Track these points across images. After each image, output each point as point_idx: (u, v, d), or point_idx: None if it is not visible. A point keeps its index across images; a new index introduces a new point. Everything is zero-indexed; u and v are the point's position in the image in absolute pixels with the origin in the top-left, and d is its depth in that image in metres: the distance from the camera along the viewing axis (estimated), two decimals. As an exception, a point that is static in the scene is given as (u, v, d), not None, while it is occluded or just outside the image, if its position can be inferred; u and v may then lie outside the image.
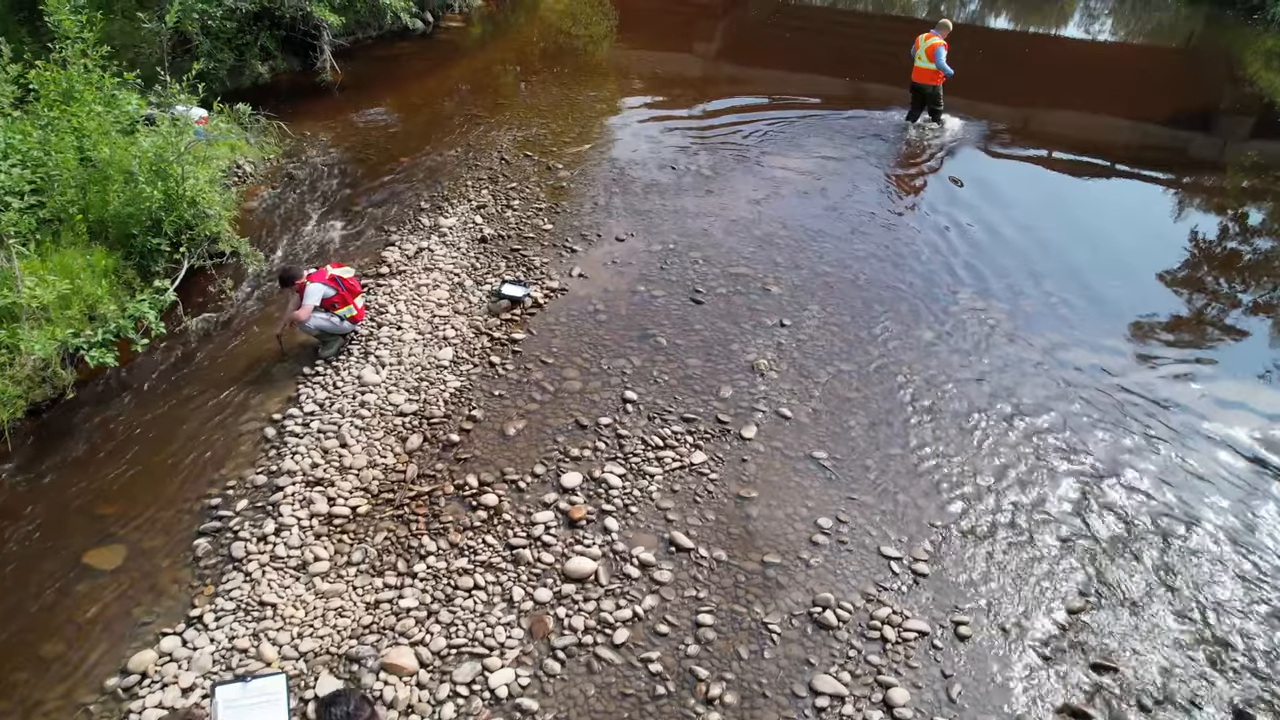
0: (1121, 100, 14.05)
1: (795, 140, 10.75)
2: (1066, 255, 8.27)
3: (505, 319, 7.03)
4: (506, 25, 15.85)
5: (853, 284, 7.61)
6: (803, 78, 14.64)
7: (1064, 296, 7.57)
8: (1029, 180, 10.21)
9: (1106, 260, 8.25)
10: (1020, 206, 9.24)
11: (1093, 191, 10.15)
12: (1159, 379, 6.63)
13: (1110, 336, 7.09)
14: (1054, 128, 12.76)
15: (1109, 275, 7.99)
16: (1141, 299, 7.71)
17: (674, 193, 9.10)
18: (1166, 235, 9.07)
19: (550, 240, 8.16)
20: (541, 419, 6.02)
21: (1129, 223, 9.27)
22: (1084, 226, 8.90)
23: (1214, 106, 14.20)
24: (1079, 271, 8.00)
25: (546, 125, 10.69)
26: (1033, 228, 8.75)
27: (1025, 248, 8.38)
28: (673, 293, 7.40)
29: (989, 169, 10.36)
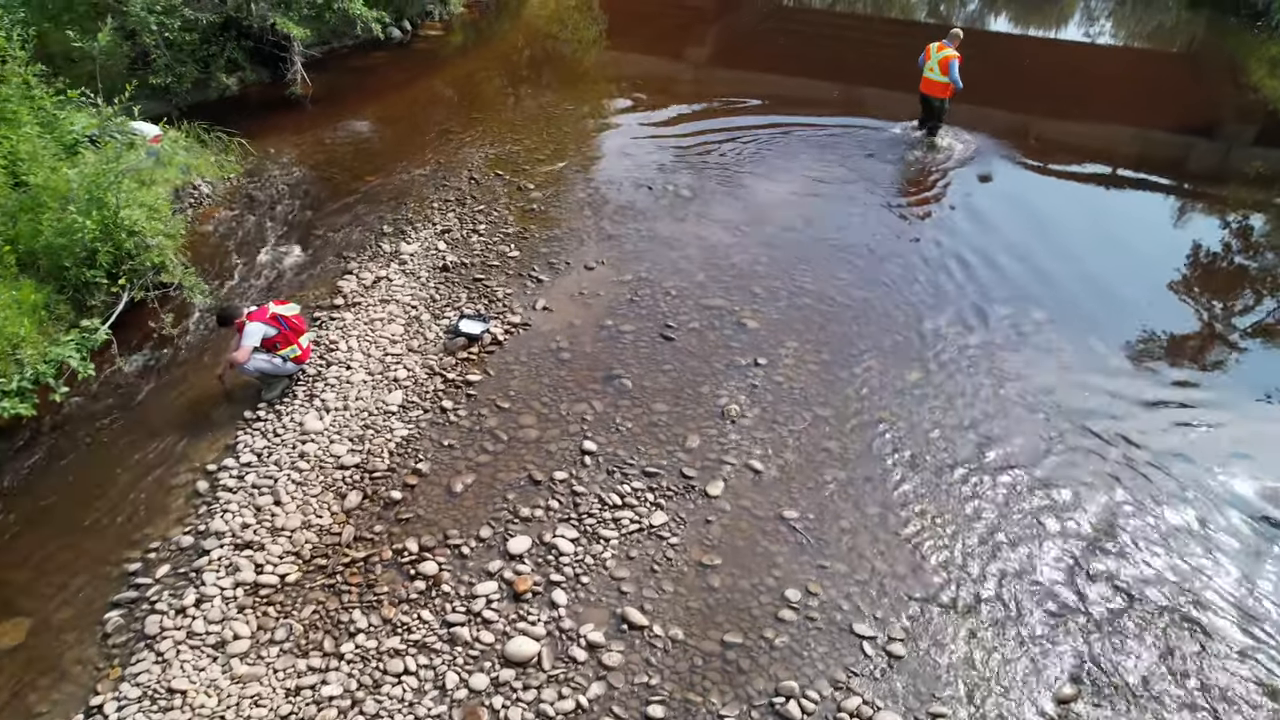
0: (1123, 107, 13.60)
1: (784, 157, 10.29)
2: (1063, 286, 7.78)
3: (462, 358, 6.60)
4: (489, 32, 15.41)
5: (835, 317, 7.16)
6: (798, 83, 14.24)
7: (1060, 333, 7.10)
8: (1027, 198, 9.70)
9: (1106, 290, 7.77)
10: (1017, 228, 8.78)
11: (1094, 208, 9.65)
12: (1160, 425, 6.17)
13: (1108, 377, 6.63)
14: (1055, 135, 12.34)
15: (1109, 307, 7.52)
16: (1143, 333, 7.25)
17: (650, 216, 8.65)
18: (1168, 257, 8.58)
19: (516, 269, 7.73)
20: (492, 473, 5.59)
21: (1130, 243, 8.79)
22: (1083, 251, 8.42)
23: (1217, 113, 13.75)
24: (1076, 303, 7.53)
25: (520, 141, 10.25)
26: (1029, 254, 8.26)
27: (1021, 277, 7.90)
28: (642, 328, 6.96)
29: (985, 189, 9.88)
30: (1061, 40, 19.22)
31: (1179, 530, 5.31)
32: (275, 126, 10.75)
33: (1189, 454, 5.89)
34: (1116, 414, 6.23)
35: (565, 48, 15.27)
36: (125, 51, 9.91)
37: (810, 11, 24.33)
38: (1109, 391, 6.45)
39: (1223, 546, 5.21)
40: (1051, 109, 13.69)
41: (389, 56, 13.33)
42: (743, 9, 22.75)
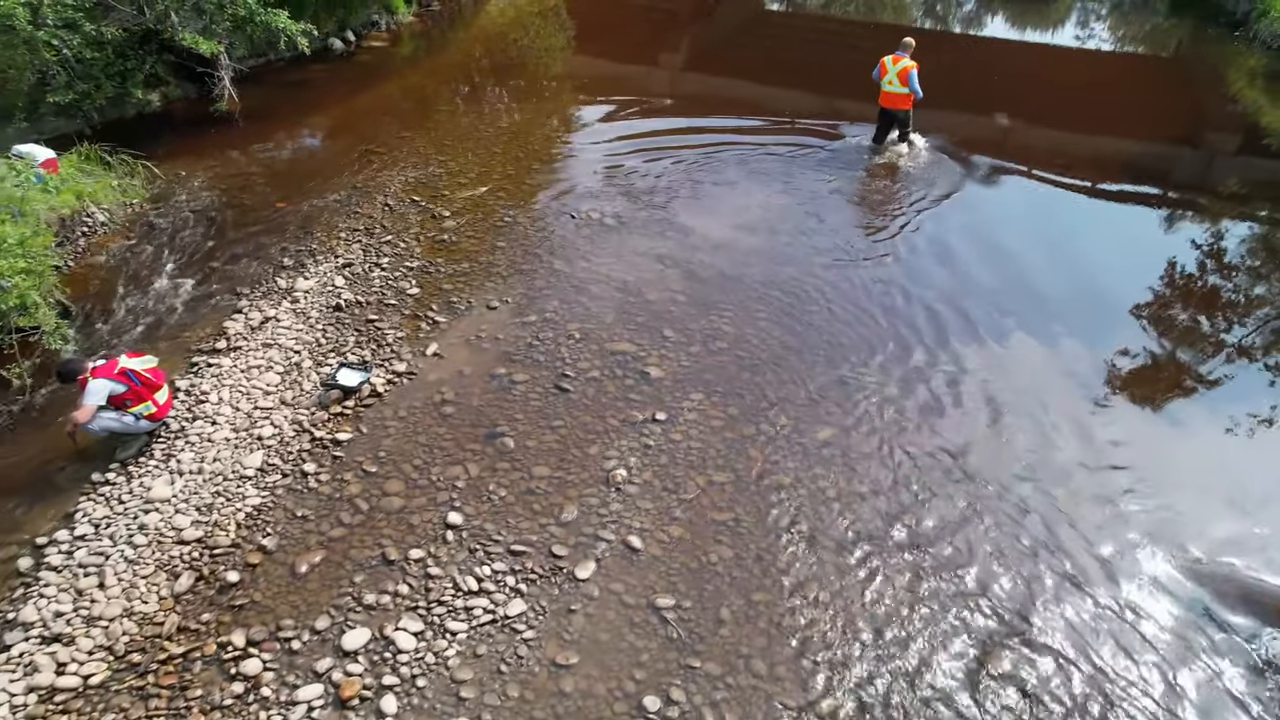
0: (1103, 114, 13.11)
1: (728, 179, 9.74)
2: (1008, 332, 7.21)
3: (335, 413, 6.08)
4: (439, 43, 14.88)
5: (749, 365, 6.63)
6: (769, 93, 13.81)
7: (994, 384, 6.56)
8: (984, 225, 9.12)
9: (1053, 338, 7.21)
10: (968, 262, 8.22)
11: (1059, 233, 9.09)
12: (1092, 494, 5.62)
13: (1039, 436, 6.08)
14: (1034, 142, 11.99)
15: (1052, 356, 6.98)
16: (1087, 383, 6.70)
17: (565, 249, 8.11)
18: (1125, 299, 7.99)
19: (413, 308, 7.20)
20: (345, 550, 5.07)
21: (1095, 271, 8.17)
22: (1039, 287, 7.85)
23: (1199, 123, 13.28)
24: (1019, 352, 6.98)
25: (445, 163, 9.72)
26: (976, 293, 7.71)
27: (960, 319, 7.34)
28: (537, 377, 6.43)
29: (940, 216, 9.31)
30: (1040, 44, 18.68)
31: (1098, 620, 4.78)
32: (194, 146, 10.24)
33: (1117, 529, 5.35)
34: (1042, 480, 5.68)
35: (523, 58, 14.74)
36: (21, 65, 9.37)
37: (795, 16, 23.84)
38: (1036, 454, 5.91)
39: (1146, 641, 4.68)
40: (1029, 115, 13.24)
41: (328, 70, 12.82)
42: (720, 15, 22.27)
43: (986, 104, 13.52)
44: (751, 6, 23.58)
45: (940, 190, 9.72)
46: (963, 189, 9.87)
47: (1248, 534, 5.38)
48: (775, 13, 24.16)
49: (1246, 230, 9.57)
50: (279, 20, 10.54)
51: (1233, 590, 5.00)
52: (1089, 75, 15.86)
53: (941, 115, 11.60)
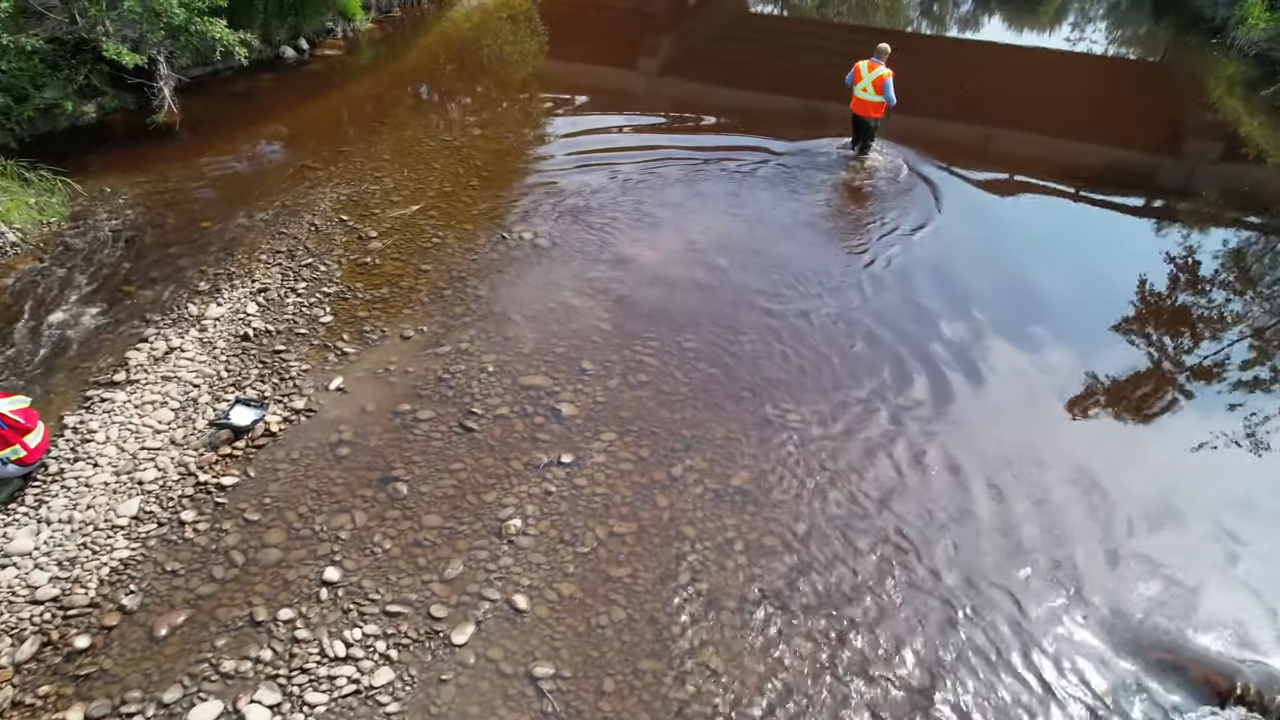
0: (1083, 121, 12.89)
1: (682, 195, 9.38)
2: (954, 369, 6.90)
3: (224, 454, 5.75)
4: (400, 50, 14.53)
5: (669, 400, 6.30)
6: (746, 98, 13.65)
7: (929, 428, 6.21)
8: (947, 246, 8.82)
9: (1002, 377, 6.87)
10: (924, 285, 7.91)
11: (1029, 249, 8.84)
12: (1015, 556, 5.29)
13: (966, 490, 5.75)
14: (1014, 149, 11.85)
15: (1000, 401, 6.65)
16: (1027, 427, 6.38)
17: (491, 273, 7.77)
18: (1091, 325, 7.67)
19: (324, 338, 6.87)
20: (212, 609, 4.74)
21: (1052, 306, 7.84)
22: (997, 319, 7.51)
23: (1180, 130, 13.07)
24: (963, 393, 6.65)
25: (380, 180, 9.38)
26: (927, 318, 7.42)
27: (910, 352, 7.02)
28: (443, 414, 6.10)
29: (903, 234, 9.00)
30: (1020, 47, 18.34)
31: (1016, 698, 4.45)
32: (128, 161, 9.90)
33: (1040, 592, 5.03)
34: (964, 539, 5.35)
35: (486, 65, 14.40)
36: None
37: (780, 19, 23.53)
38: (961, 510, 5.58)
39: (1065, 715, 4.35)
40: (1004, 120, 13.06)
41: (277, 80, 12.47)
42: (701, 18, 21.95)
43: (962, 109, 13.23)
44: (734, 9, 23.29)
45: (899, 216, 9.36)
46: (922, 214, 9.52)
47: (1178, 596, 5.06)
48: (759, 15, 23.87)
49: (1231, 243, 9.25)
50: (215, 30, 10.20)
51: (1162, 659, 4.68)
52: (1065, 81, 15.53)
53: (918, 121, 11.39)
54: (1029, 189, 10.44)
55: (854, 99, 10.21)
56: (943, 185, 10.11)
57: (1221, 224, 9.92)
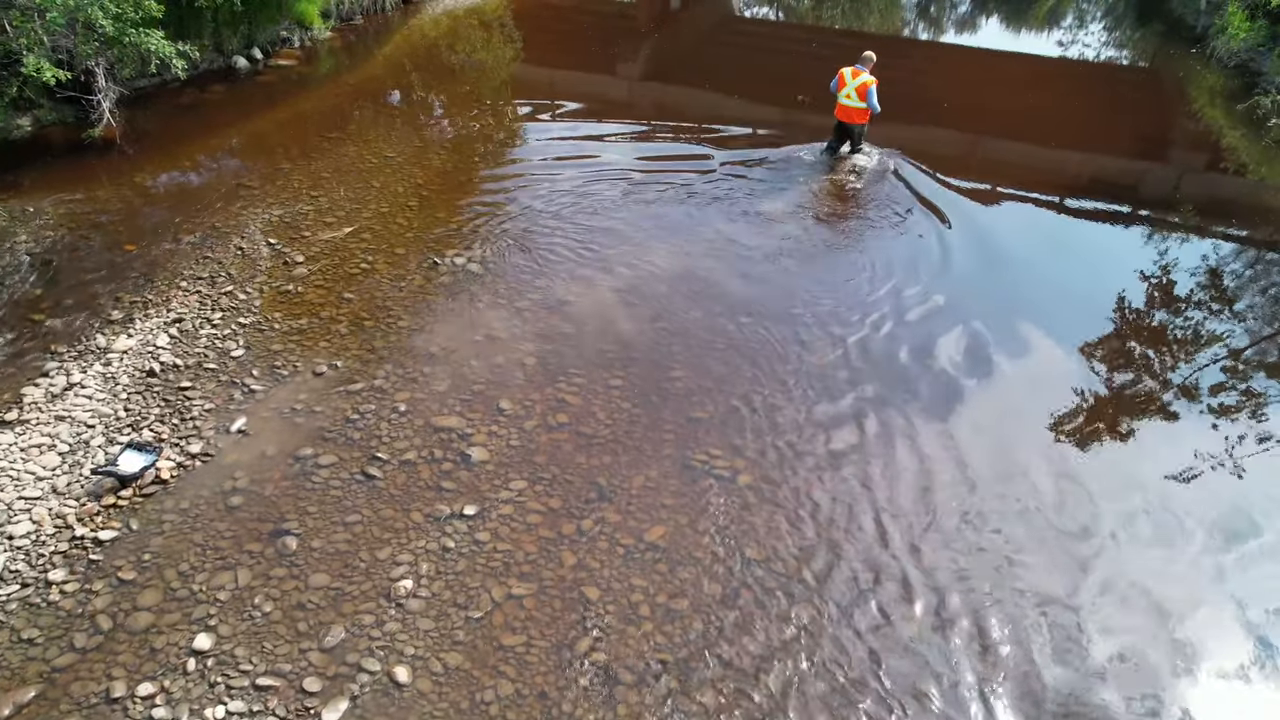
0: (1069, 129, 12.67)
1: (635, 219, 9.02)
2: (905, 414, 6.56)
3: (107, 505, 5.41)
4: (360, 60, 14.19)
5: (586, 444, 5.96)
6: (733, 106, 13.50)
7: (862, 475, 5.88)
8: (942, 250, 8.64)
9: (953, 426, 6.56)
10: (897, 325, 7.58)
11: (1022, 263, 8.62)
12: (945, 627, 4.97)
13: (894, 550, 5.42)
14: (999, 157, 11.72)
15: (946, 449, 6.32)
16: (975, 479, 6.05)
17: (417, 302, 7.41)
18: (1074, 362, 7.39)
19: (232, 374, 6.52)
20: (67, 684, 4.39)
21: (1019, 353, 7.53)
22: (968, 359, 7.22)
23: (1166, 139, 12.89)
24: (907, 442, 6.31)
25: (316, 200, 9.04)
26: (881, 366, 7.10)
27: (859, 391, 6.71)
28: (346, 459, 5.76)
29: (880, 246, 8.72)
30: (1008, 52, 18.03)
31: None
32: (59, 178, 9.56)
33: (972, 665, 4.69)
34: (891, 605, 5.02)
35: (453, 74, 14.05)
36: None
37: (764, 23, 23.27)
38: (889, 571, 5.24)
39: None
40: (1002, 129, 12.86)
41: (227, 92, 12.13)
42: (684, 21, 21.68)
43: (943, 115, 12.94)
44: (718, 12, 22.99)
45: (881, 237, 9.07)
46: (903, 228, 9.24)
47: (1117, 667, 4.73)
48: (745, 19, 23.57)
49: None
50: (150, 42, 9.85)
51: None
52: (1043, 86, 15.21)
53: (901, 129, 11.20)
54: (1015, 198, 10.32)
55: (838, 105, 10.31)
56: (939, 203, 9.89)
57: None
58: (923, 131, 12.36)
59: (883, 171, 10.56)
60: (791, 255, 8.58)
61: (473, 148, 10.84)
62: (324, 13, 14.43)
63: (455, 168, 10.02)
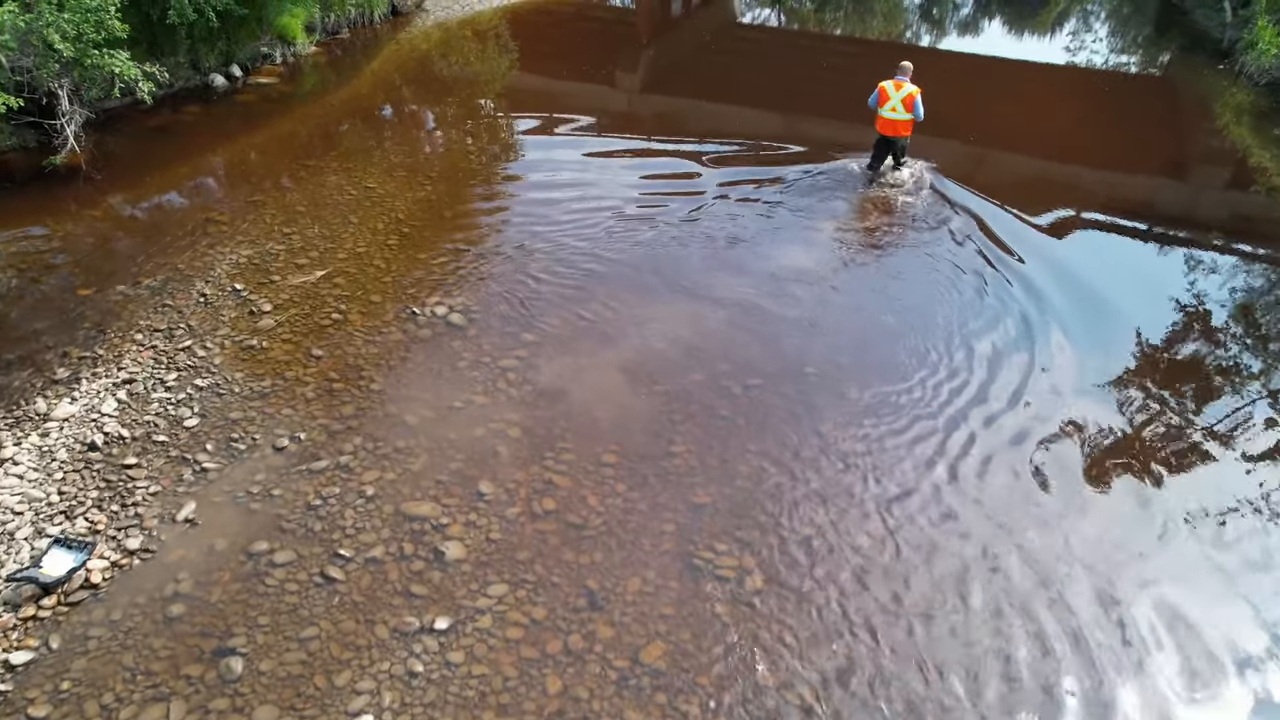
0: (1085, 142, 12.06)
1: (647, 263, 8.29)
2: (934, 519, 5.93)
3: (26, 616, 4.75)
4: (346, 76, 13.51)
5: (575, 536, 5.28)
6: (743, 118, 13.04)
7: (905, 587, 5.23)
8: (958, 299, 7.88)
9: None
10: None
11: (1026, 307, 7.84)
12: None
13: (929, 678, 4.76)
14: (1007, 174, 11.10)
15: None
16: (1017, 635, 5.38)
17: (391, 360, 6.73)
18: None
19: (184, 448, 5.85)
20: None
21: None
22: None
23: (1185, 156, 12.28)
24: (940, 555, 5.67)
25: (289, 237, 8.37)
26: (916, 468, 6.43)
27: (893, 482, 6.06)
28: (305, 557, 5.09)
29: (954, 295, 8.04)
30: (1016, 60, 17.35)
31: None
32: (16, 210, 8.91)
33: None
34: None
35: (444, 90, 13.39)
36: None
37: (768, 30, 22.66)
38: (921, 696, 4.58)
39: None
40: (1008, 142, 12.29)
41: (201, 113, 11.48)
42: (686, 28, 21.06)
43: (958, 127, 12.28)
44: (720, 19, 22.36)
45: (937, 283, 8.41)
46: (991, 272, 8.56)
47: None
48: (746, 25, 22.92)
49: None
50: (114, 63, 9.20)
51: None
52: (1057, 100, 14.55)
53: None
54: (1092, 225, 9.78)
55: (881, 120, 9.95)
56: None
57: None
58: (957, 147, 11.71)
59: (922, 188, 10.24)
60: (822, 321, 7.82)
61: (461, 175, 10.18)
62: (308, 27, 13.78)
63: (440, 199, 9.34)
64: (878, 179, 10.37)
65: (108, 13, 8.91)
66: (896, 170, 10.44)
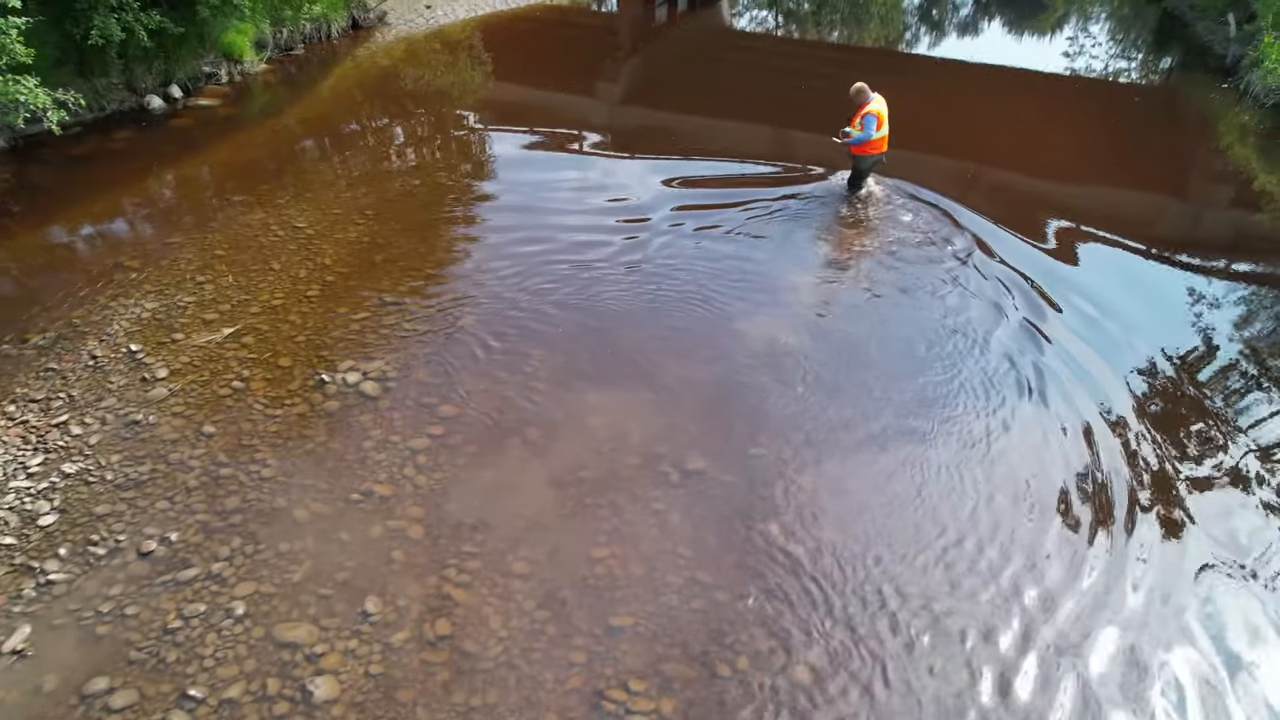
0: (1081, 157, 11.38)
1: (602, 307, 7.60)
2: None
3: None
4: (296, 96, 12.78)
5: (469, 668, 4.50)
6: (730, 130, 12.48)
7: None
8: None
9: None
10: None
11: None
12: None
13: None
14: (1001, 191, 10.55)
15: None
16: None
17: (290, 440, 5.94)
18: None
19: (31, 553, 5.05)
20: None
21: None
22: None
23: (1186, 173, 11.60)
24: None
25: (201, 286, 7.63)
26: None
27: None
28: (150, 698, 4.31)
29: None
30: (1015, 69, 16.60)
31: None
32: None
33: None
34: None
35: (404, 109, 12.67)
36: None
37: (761, 37, 21.98)
38: None
39: None
40: (1001, 159, 11.62)
41: (133, 139, 10.76)
42: (669, 38, 20.37)
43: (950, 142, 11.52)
44: (709, 26, 21.66)
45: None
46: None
47: None
48: (739, 32, 22.21)
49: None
50: (19, 90, 8.47)
51: None
52: (1082, 110, 13.79)
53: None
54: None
55: (882, 140, 9.57)
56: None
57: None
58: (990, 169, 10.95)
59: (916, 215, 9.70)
60: (798, 393, 7.14)
61: (399, 211, 9.38)
62: (258, 43, 13.06)
63: (373, 240, 8.57)
64: (859, 201, 9.96)
65: (9, 36, 8.19)
66: (867, 188, 10.10)
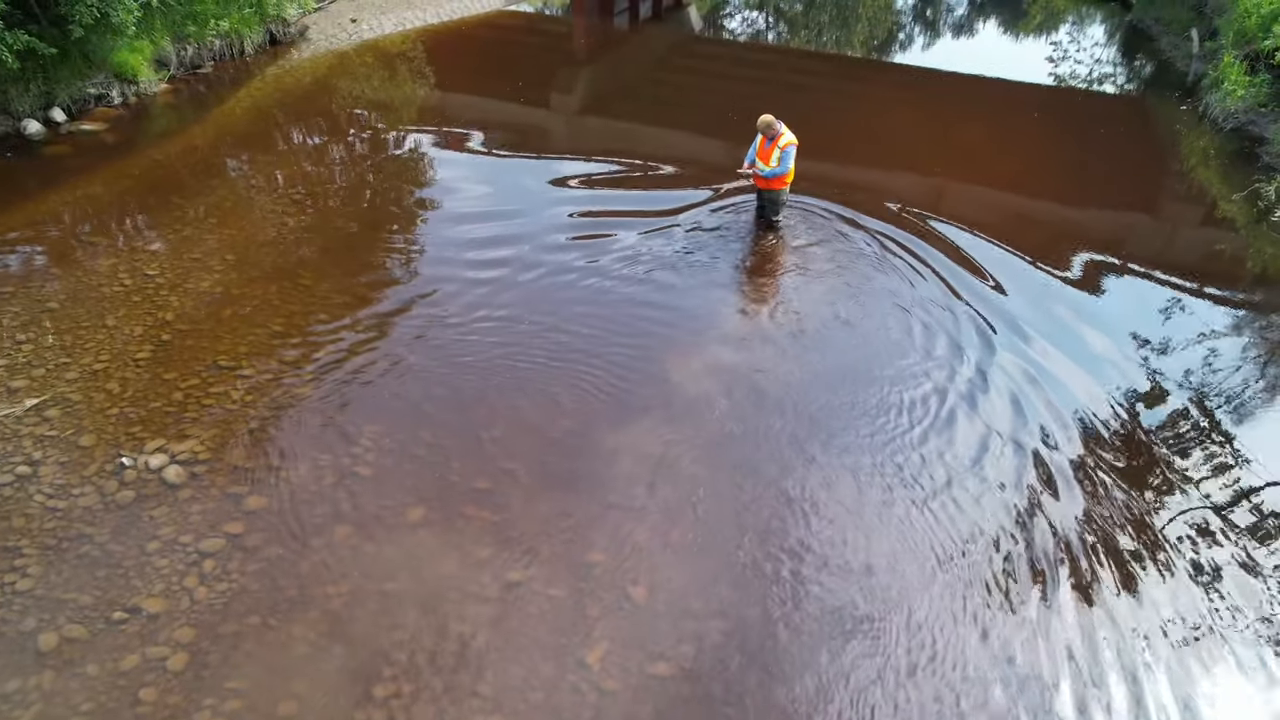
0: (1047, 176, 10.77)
1: (470, 372, 6.90)
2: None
3: None
4: (197, 119, 11.95)
5: None
6: (692, 144, 11.70)
7: None
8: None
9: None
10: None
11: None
12: None
13: None
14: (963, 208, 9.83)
15: None
16: None
17: (67, 542, 5.09)
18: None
19: None
20: None
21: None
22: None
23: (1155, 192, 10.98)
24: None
25: (18, 348, 6.79)
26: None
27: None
28: None
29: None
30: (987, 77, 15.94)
31: None
32: None
33: None
34: None
35: (323, 130, 11.90)
36: None
37: (729, 45, 21.33)
38: None
39: None
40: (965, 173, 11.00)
41: (4, 165, 9.97)
42: (633, 44, 19.69)
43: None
44: (675, 34, 20.98)
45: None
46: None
47: None
48: (705, 39, 21.53)
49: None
50: None
51: None
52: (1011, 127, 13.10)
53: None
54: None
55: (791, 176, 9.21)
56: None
57: None
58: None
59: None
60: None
61: (269, 254, 8.48)
62: (159, 61, 12.28)
63: (227, 292, 7.71)
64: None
65: None
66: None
